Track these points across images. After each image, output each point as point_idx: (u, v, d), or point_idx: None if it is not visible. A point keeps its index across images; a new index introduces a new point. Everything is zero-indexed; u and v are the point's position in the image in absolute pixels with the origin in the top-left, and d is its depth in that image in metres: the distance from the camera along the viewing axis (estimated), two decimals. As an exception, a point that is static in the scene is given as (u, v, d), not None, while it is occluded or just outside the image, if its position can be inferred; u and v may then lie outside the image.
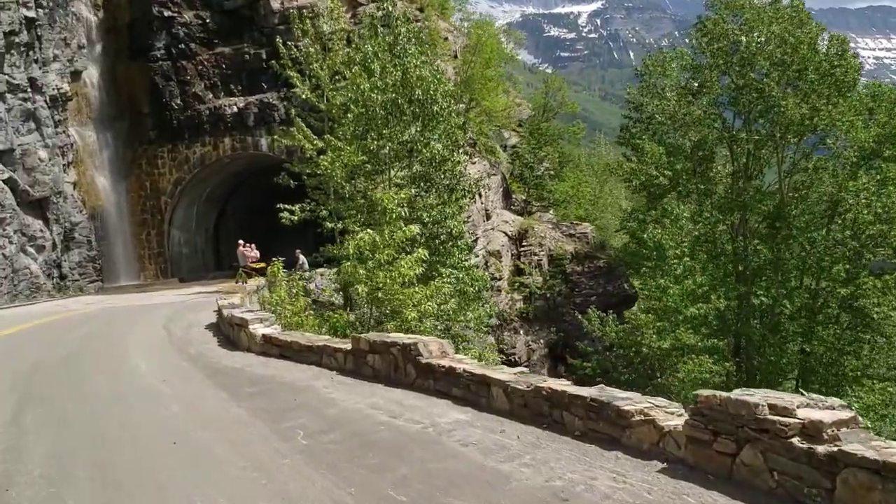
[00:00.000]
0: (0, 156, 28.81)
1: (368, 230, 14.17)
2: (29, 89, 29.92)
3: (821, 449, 4.57)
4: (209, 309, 21.46)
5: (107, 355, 13.51)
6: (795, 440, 4.72)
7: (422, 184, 24.70)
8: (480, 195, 33.64)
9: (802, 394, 5.63)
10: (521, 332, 32.33)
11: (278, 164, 37.67)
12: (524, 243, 34.92)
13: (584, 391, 6.58)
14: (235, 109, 36.80)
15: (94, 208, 35.52)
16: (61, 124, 32.15)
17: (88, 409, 8.97)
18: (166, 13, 36.59)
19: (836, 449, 4.49)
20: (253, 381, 9.99)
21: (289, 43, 28.54)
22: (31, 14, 30.01)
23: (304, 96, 28.10)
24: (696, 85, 32.89)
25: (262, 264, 29.27)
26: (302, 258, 31.32)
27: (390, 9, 25.33)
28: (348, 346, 10.25)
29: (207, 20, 36.88)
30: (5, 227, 28.50)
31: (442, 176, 24.22)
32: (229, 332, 14.46)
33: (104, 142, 36.97)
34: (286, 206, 27.72)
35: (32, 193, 30.07)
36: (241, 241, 29.93)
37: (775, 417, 4.83)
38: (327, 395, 8.81)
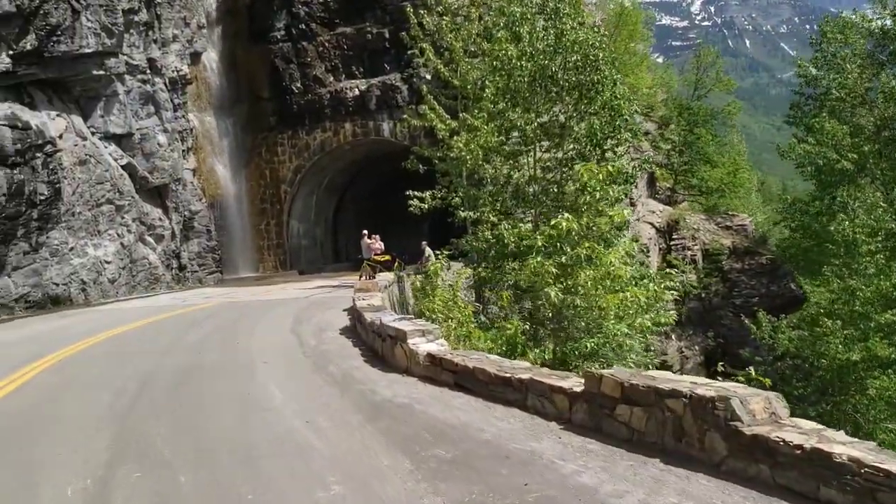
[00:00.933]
0: (119, 140, 27.00)
1: (567, 215, 10.63)
2: (148, 70, 28.02)
3: None
4: (337, 307, 18.57)
5: (229, 372, 10.57)
6: None
7: (575, 166, 21.01)
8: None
9: None
10: (673, 336, 28.15)
11: (400, 150, 34.76)
12: (674, 236, 30.62)
13: None
14: (357, 92, 34.12)
15: (213, 197, 33.63)
16: (180, 108, 30.21)
17: (207, 482, 5.83)
18: (287, -8, 34.36)
19: None
20: (438, 435, 6.62)
21: (421, 12, 25.52)
22: (151, -9, 28.15)
23: (436, 68, 24.94)
24: (887, 55, 27.76)
25: (388, 257, 26.38)
26: (428, 251, 28.21)
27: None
28: (577, 387, 6.74)
29: (329, -2, 34.38)
30: (123, 216, 26.68)
31: (602, 157, 20.42)
32: (375, 344, 11.28)
33: (224, 128, 35.09)
34: (416, 193, 24.75)
35: (151, 180, 28.20)
36: (365, 232, 27.07)
37: None
38: (576, 478, 5.31)
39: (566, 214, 10.45)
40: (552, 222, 10.32)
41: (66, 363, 12.30)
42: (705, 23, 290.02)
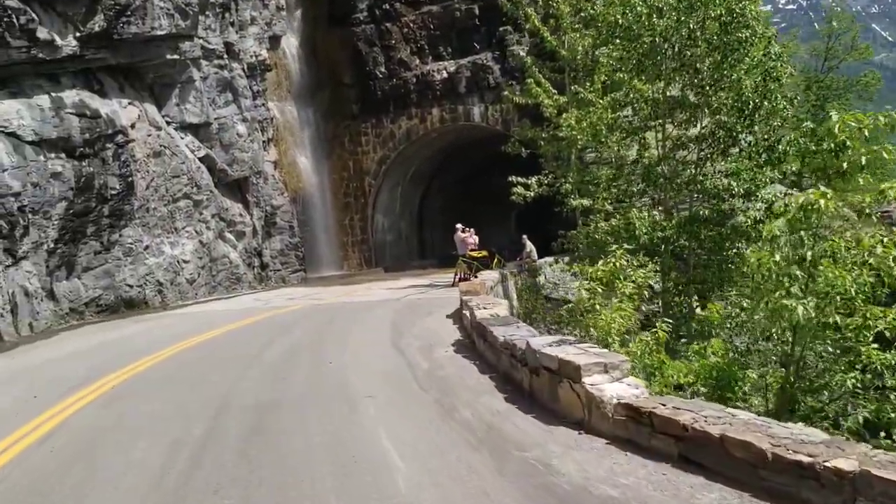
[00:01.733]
0: (195, 130, 24.67)
1: (821, 187, 7.20)
2: (225, 55, 25.62)
3: None
4: (438, 312, 15.53)
5: (323, 414, 7.57)
6: None
7: (715, 142, 17.35)
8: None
9: None
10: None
11: (491, 135, 31.49)
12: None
13: None
14: (445, 75, 31.04)
15: (294, 191, 31.16)
16: (260, 96, 27.75)
17: None
18: (369, -30, 31.56)
19: None
20: None
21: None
22: (227, -30, 25.73)
23: (542, 37, 21.64)
24: None
25: (484, 253, 23.22)
26: (529, 245, 24.98)
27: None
28: None
29: (413, -25, 31.42)
30: (202, 211, 24.35)
31: (750, 130, 16.71)
32: (514, 374, 8.10)
33: (305, 118, 32.55)
34: (519, 179, 21.55)
35: (230, 173, 25.81)
36: (459, 226, 23.93)
37: None
38: None
39: (821, 187, 7.03)
40: (798, 199, 6.93)
41: (121, 391, 9.60)
42: (789, 6, 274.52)
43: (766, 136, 16.23)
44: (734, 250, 17.18)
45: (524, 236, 24.87)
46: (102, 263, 20.55)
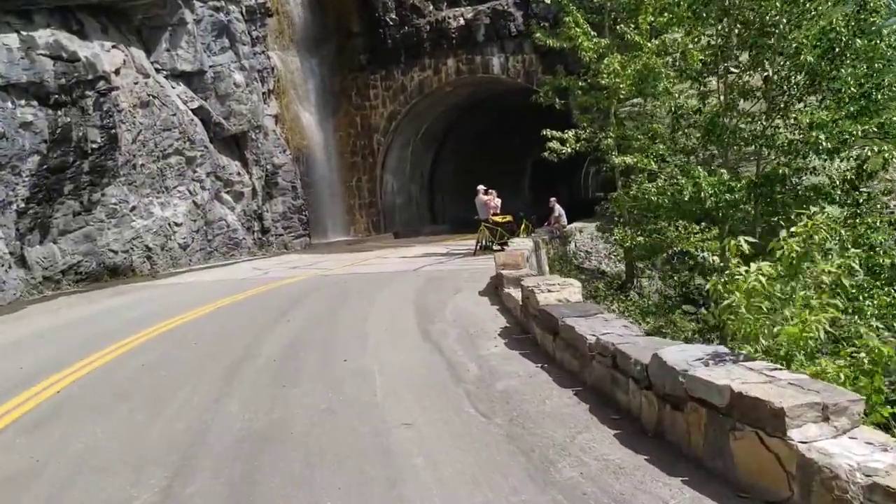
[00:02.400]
0: (188, 79, 21.77)
1: None
2: (221, -5, 22.66)
3: None
4: (466, 288, 12.86)
5: (343, 458, 4.96)
6: None
7: (791, 88, 14.44)
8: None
9: None
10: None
11: (512, 90, 28.42)
12: (862, 189, 23.56)
13: None
14: (461, 22, 27.95)
15: (298, 149, 28.28)
16: (259, 42, 24.75)
17: None
18: None
19: None
20: None
21: None
22: None
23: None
24: None
25: (509, 217, 20.52)
26: (559, 209, 22.22)
27: None
28: None
29: (428, -90, 28.15)
30: (196, 169, 21.56)
31: (834, 75, 13.79)
32: (617, 391, 5.46)
33: (309, 69, 29.50)
34: (554, 133, 18.75)
35: (227, 127, 22.95)
36: (481, 188, 21.19)
37: None
38: None
39: None
40: None
41: (62, 402, 6.98)
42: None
43: (859, 82, 13.33)
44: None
45: (552, 199, 22.15)
46: (82, 226, 17.88)
